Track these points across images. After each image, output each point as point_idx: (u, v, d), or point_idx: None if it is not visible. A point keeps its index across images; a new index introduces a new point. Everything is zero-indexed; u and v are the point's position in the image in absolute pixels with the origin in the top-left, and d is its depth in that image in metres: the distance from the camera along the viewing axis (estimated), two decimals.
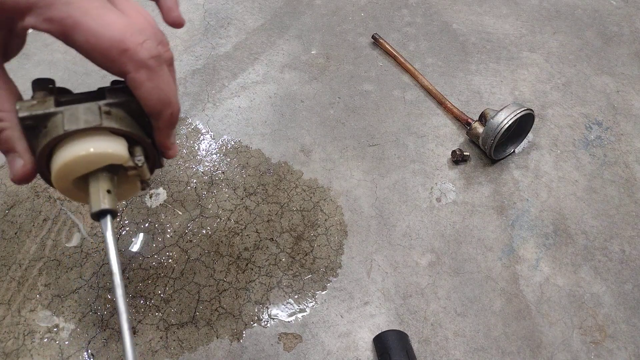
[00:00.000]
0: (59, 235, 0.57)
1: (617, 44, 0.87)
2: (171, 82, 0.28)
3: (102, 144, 0.27)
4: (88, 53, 0.25)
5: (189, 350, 0.50)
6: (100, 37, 0.25)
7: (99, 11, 0.25)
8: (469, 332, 0.52)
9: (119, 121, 0.28)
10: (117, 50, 0.25)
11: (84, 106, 0.27)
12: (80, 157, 0.27)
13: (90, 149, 0.27)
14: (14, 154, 0.28)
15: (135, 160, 0.29)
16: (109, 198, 0.28)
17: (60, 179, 0.28)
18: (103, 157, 0.27)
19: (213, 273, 0.55)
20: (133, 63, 0.26)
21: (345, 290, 0.55)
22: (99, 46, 0.25)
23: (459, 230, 0.60)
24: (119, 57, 0.25)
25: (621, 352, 0.52)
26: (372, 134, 0.70)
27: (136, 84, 0.27)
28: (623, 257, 0.59)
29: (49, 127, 0.27)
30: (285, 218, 0.60)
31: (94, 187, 0.28)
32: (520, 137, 0.68)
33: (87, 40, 0.25)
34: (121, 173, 0.30)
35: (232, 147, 0.68)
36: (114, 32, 0.25)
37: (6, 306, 0.52)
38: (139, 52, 0.26)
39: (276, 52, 0.81)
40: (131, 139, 0.29)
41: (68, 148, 0.27)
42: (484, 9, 0.92)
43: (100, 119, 0.27)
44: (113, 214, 0.28)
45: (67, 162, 0.27)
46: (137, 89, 0.27)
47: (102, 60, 0.26)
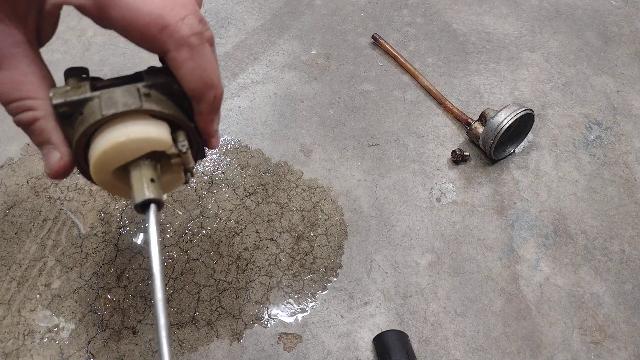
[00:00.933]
0: (59, 235, 0.57)
1: (617, 44, 0.87)
2: (214, 62, 0.26)
3: (143, 128, 0.25)
4: (125, 30, 0.24)
5: (189, 350, 0.50)
6: (138, 13, 0.23)
7: None
8: (469, 332, 0.52)
9: (160, 103, 0.26)
10: (157, 26, 0.23)
11: (121, 89, 0.25)
12: (120, 144, 0.24)
13: (131, 134, 0.24)
14: (49, 146, 0.26)
15: (179, 145, 0.27)
16: (153, 187, 0.26)
17: (99, 170, 0.26)
18: (145, 142, 0.25)
19: (213, 273, 0.55)
20: (174, 40, 0.24)
21: (345, 290, 0.55)
22: (136, 22, 0.23)
23: (459, 230, 0.60)
24: (158, 34, 0.23)
25: (621, 352, 0.52)
26: (372, 134, 0.70)
27: (177, 63, 0.25)
28: (623, 257, 0.59)
29: (86, 113, 0.25)
30: (285, 218, 0.60)
31: (136, 175, 0.26)
32: (520, 137, 0.68)
33: (124, 16, 0.23)
34: (164, 162, 0.28)
35: (232, 147, 0.68)
36: (152, 7, 0.23)
37: (6, 306, 0.52)
38: (180, 28, 0.23)
39: (276, 52, 0.81)
40: (173, 124, 0.27)
41: (107, 135, 0.25)
42: (484, 9, 0.92)
43: (140, 101, 0.25)
44: (159, 205, 0.26)
45: (107, 149, 0.24)
46: (179, 69, 0.25)
47: (140, 38, 0.24)
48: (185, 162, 0.28)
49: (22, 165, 0.63)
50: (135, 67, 0.77)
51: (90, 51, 0.79)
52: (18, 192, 0.61)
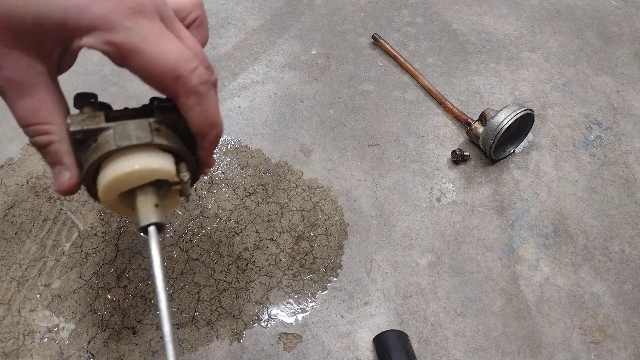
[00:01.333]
0: (59, 235, 0.57)
1: (617, 44, 0.87)
2: (217, 105, 0.30)
3: (152, 160, 0.28)
4: (142, 76, 0.27)
5: (189, 350, 0.50)
6: (157, 63, 0.26)
7: (157, 38, 0.26)
8: (469, 332, 0.52)
9: (168, 138, 0.29)
10: (171, 77, 0.26)
11: (134, 122, 0.28)
12: (131, 172, 0.27)
13: (142, 164, 0.28)
14: (60, 166, 0.29)
15: (182, 175, 0.30)
16: (157, 212, 0.29)
17: (107, 192, 0.29)
18: (152, 172, 0.28)
19: (213, 273, 0.55)
20: (184, 89, 0.27)
21: (345, 290, 0.55)
22: (154, 71, 0.26)
23: (459, 230, 0.60)
24: (172, 83, 0.27)
25: (621, 352, 0.52)
26: (372, 134, 0.70)
27: (186, 108, 0.28)
28: (623, 257, 0.59)
29: (100, 141, 0.27)
30: (285, 218, 0.60)
31: (142, 201, 0.29)
32: (520, 137, 0.68)
33: (144, 65, 0.26)
34: (164, 187, 0.31)
35: (232, 147, 0.68)
36: (169, 60, 0.26)
37: (6, 306, 0.52)
38: (191, 79, 0.27)
39: (276, 52, 0.81)
40: (177, 156, 0.30)
41: (119, 163, 0.27)
42: (484, 9, 0.92)
43: (152, 135, 0.28)
44: (161, 227, 0.29)
45: (118, 176, 0.27)
46: (187, 112, 0.28)
47: (155, 84, 0.27)
48: (184, 189, 0.31)
49: (22, 165, 0.63)
50: None
51: (91, 51, 0.79)
52: (18, 192, 0.61)
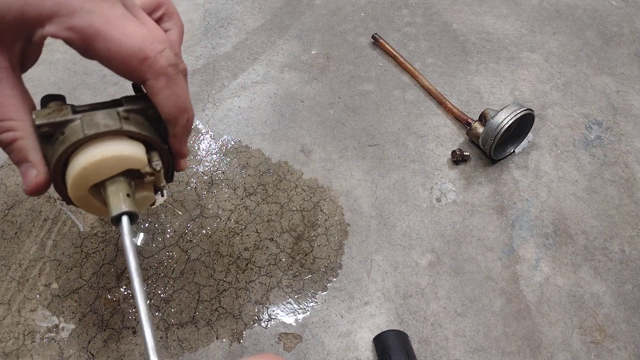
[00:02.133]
0: (59, 235, 0.57)
1: (617, 44, 0.87)
2: (187, 90, 0.29)
3: (122, 147, 0.27)
4: (108, 61, 0.26)
5: (189, 350, 0.50)
6: (122, 46, 0.25)
7: (121, 20, 0.25)
8: (469, 332, 0.52)
9: (138, 126, 0.28)
10: (138, 58, 0.26)
11: (102, 112, 0.27)
12: (101, 161, 0.26)
13: (112, 151, 0.27)
14: (26, 164, 0.27)
15: (153, 164, 0.29)
16: (128, 201, 0.28)
17: (77, 186, 0.28)
18: (123, 160, 0.27)
19: (213, 273, 0.55)
20: (152, 71, 0.26)
21: (345, 290, 0.55)
22: (120, 54, 0.25)
23: (459, 230, 0.60)
24: (139, 65, 0.26)
25: (621, 352, 0.52)
26: (372, 134, 0.70)
27: (155, 90, 0.27)
28: (623, 257, 0.59)
29: (67, 133, 0.27)
30: (285, 218, 0.60)
31: (112, 191, 0.28)
32: (520, 137, 0.68)
33: (109, 48, 0.25)
34: (137, 180, 0.30)
35: (232, 147, 0.68)
36: (135, 41, 0.25)
37: (6, 306, 0.52)
38: (159, 60, 0.26)
39: (276, 52, 0.81)
40: (148, 145, 0.29)
41: (87, 152, 0.26)
42: (484, 9, 0.92)
43: (120, 123, 0.27)
44: (134, 217, 0.28)
45: (87, 166, 0.26)
46: (156, 96, 0.28)
47: (121, 68, 0.26)
48: (157, 181, 0.30)
49: None
50: None
51: None
52: (18, 192, 0.61)
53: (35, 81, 0.74)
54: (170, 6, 0.33)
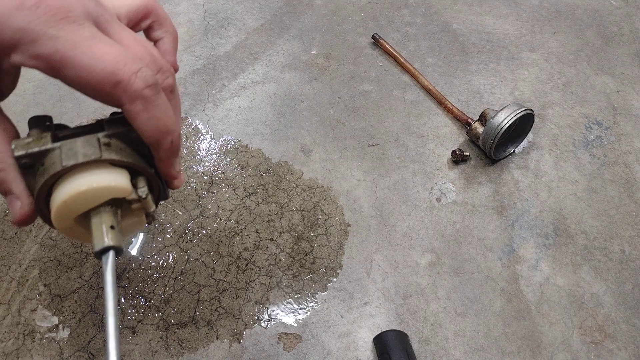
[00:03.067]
0: (59, 235, 0.57)
1: (617, 44, 0.87)
2: (169, 110, 0.27)
3: (102, 177, 0.26)
4: (80, 87, 0.24)
5: (189, 350, 0.50)
6: (92, 71, 0.23)
7: (88, 43, 0.23)
8: (469, 332, 0.52)
9: (119, 152, 0.27)
10: (110, 83, 0.24)
11: (82, 139, 0.26)
12: (80, 193, 0.25)
13: (91, 183, 0.25)
14: (11, 196, 0.26)
15: (139, 192, 0.28)
16: (112, 234, 0.26)
17: (60, 218, 0.27)
18: (104, 191, 0.26)
19: (213, 273, 0.55)
20: (127, 95, 0.24)
21: (345, 290, 0.55)
22: (91, 80, 0.23)
23: (459, 230, 0.60)
24: (112, 90, 0.24)
25: (621, 352, 0.52)
26: (372, 134, 0.70)
27: (132, 115, 0.25)
28: (623, 257, 0.59)
29: (47, 164, 0.26)
30: (285, 218, 0.60)
31: (96, 223, 0.27)
32: (520, 137, 0.68)
33: (78, 75, 0.23)
34: (125, 207, 0.29)
35: (232, 147, 0.68)
36: (105, 64, 0.23)
37: (6, 306, 0.52)
38: (133, 83, 0.24)
39: (276, 52, 0.81)
40: (133, 170, 0.28)
41: (67, 185, 0.25)
42: (484, 9, 0.92)
43: (100, 151, 0.26)
44: (117, 251, 0.27)
45: (67, 199, 0.25)
46: (134, 120, 0.26)
47: (95, 94, 0.24)
48: (145, 207, 0.29)
49: None
50: None
51: None
52: None
53: (35, 82, 0.74)
54: (160, 13, 0.31)
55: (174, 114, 0.28)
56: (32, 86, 0.73)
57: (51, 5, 0.22)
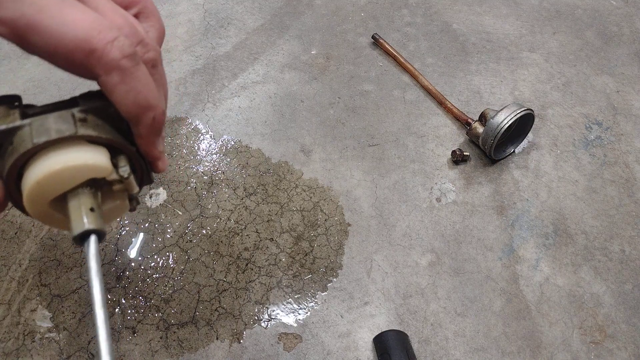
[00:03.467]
0: (59, 235, 0.57)
1: (617, 44, 0.87)
2: (150, 84, 0.25)
3: (79, 154, 0.23)
4: (50, 57, 0.22)
5: (189, 350, 0.50)
6: (62, 38, 0.21)
7: (57, 6, 0.21)
8: (469, 332, 0.52)
9: (97, 128, 0.24)
10: (83, 51, 0.21)
11: (54, 115, 0.24)
12: (54, 173, 0.23)
13: (66, 161, 0.23)
14: None
15: (120, 171, 0.25)
16: (92, 217, 0.24)
17: (33, 202, 0.24)
18: (82, 170, 0.23)
19: (213, 273, 0.55)
20: (102, 65, 0.22)
21: (345, 290, 0.55)
22: (60, 48, 0.21)
23: (459, 230, 0.60)
24: (85, 59, 0.22)
25: (621, 352, 0.52)
26: (372, 134, 0.70)
27: (109, 87, 0.23)
28: (623, 257, 0.59)
29: (16, 143, 0.23)
30: (285, 218, 0.60)
31: (73, 206, 0.24)
32: (520, 137, 0.68)
33: (46, 42, 0.21)
34: (105, 189, 0.26)
35: (232, 147, 0.68)
36: (77, 31, 0.21)
37: (6, 306, 0.52)
38: (109, 52, 0.22)
39: (276, 52, 0.81)
40: (113, 148, 0.25)
41: (39, 164, 0.23)
42: (484, 9, 0.92)
43: (75, 127, 0.23)
44: (100, 236, 0.24)
45: (40, 180, 0.23)
46: (111, 94, 0.23)
47: (66, 65, 0.22)
48: (128, 188, 0.26)
49: None
50: None
51: None
52: None
53: (35, 81, 0.74)
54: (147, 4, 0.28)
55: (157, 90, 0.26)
56: (32, 86, 0.73)
57: None
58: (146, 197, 0.61)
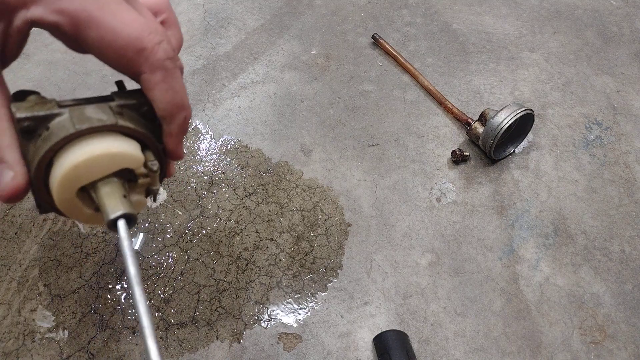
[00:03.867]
0: (59, 235, 0.57)
1: (617, 44, 0.87)
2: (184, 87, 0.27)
3: (118, 143, 0.25)
4: (101, 50, 0.24)
5: (189, 350, 0.50)
6: (117, 34, 0.23)
7: (116, 7, 0.23)
8: (469, 332, 0.52)
9: (133, 122, 0.26)
10: (134, 49, 0.24)
11: (92, 106, 0.25)
12: (95, 158, 0.24)
13: (107, 148, 0.24)
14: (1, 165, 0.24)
15: (150, 164, 0.27)
16: (127, 203, 0.25)
17: (65, 188, 0.25)
18: (119, 158, 0.25)
19: (213, 273, 0.55)
20: (149, 63, 0.24)
21: (345, 290, 0.55)
22: (115, 44, 0.23)
23: (459, 230, 0.60)
24: (135, 56, 0.24)
25: (621, 352, 0.52)
26: (372, 134, 0.70)
27: (151, 84, 0.25)
28: (623, 257, 0.59)
29: (53, 128, 0.24)
30: (285, 218, 0.60)
31: (107, 192, 0.25)
32: (520, 137, 0.68)
33: (102, 37, 0.23)
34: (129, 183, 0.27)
35: (232, 147, 0.68)
36: (132, 30, 0.23)
37: (6, 306, 0.52)
38: (157, 52, 0.24)
39: (276, 52, 0.81)
40: (143, 144, 0.27)
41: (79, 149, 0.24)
42: (484, 9, 0.92)
43: (115, 118, 0.25)
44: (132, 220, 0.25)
45: (78, 164, 0.24)
46: (152, 90, 0.26)
47: (115, 59, 0.24)
48: (152, 183, 0.28)
49: None
50: None
51: None
52: None
53: (35, 81, 0.74)
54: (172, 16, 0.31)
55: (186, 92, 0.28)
56: (32, 86, 0.73)
57: None
58: None
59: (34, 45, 0.78)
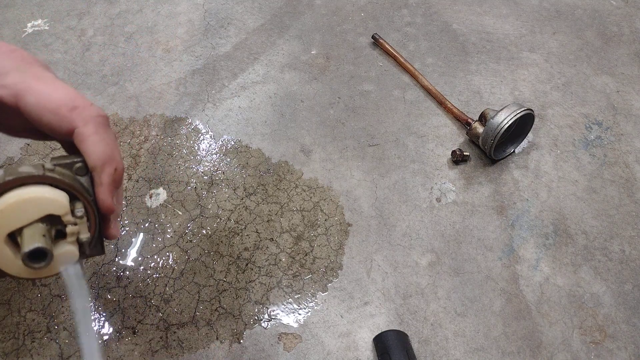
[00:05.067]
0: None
1: (617, 44, 0.87)
2: (116, 142, 0.30)
3: (43, 190, 0.27)
4: (37, 112, 0.27)
5: (189, 350, 0.50)
6: (52, 97, 0.27)
7: (51, 79, 0.28)
8: (469, 332, 0.52)
9: (61, 175, 0.28)
10: (67, 107, 0.27)
11: (26, 164, 0.28)
12: (18, 202, 0.26)
13: (31, 193, 0.26)
14: None
15: (75, 212, 0.28)
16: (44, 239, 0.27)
17: None
18: (43, 203, 0.27)
19: (213, 273, 0.55)
20: (82, 117, 0.28)
21: (345, 290, 0.55)
22: (50, 105, 0.27)
23: (459, 230, 0.60)
24: (69, 113, 0.27)
25: (621, 352, 0.52)
26: (372, 134, 0.70)
27: (84, 137, 0.28)
28: (623, 257, 0.59)
29: None
30: (285, 218, 0.60)
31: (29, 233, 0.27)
32: (520, 137, 0.68)
33: (39, 101, 0.27)
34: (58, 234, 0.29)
35: (232, 147, 0.68)
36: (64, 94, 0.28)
37: (6, 306, 0.52)
38: (89, 108, 0.28)
39: (276, 52, 0.81)
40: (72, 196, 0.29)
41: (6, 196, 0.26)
42: (484, 9, 0.92)
43: (44, 171, 0.28)
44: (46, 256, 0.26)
45: (4, 208, 0.26)
46: (84, 142, 0.28)
47: (50, 118, 0.28)
48: (80, 231, 0.29)
49: None
50: (135, 67, 0.77)
51: (90, 51, 0.79)
52: None
53: None
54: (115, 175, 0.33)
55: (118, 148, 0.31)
56: None
57: (23, 54, 0.29)
58: (146, 197, 0.61)
59: (34, 45, 0.78)
